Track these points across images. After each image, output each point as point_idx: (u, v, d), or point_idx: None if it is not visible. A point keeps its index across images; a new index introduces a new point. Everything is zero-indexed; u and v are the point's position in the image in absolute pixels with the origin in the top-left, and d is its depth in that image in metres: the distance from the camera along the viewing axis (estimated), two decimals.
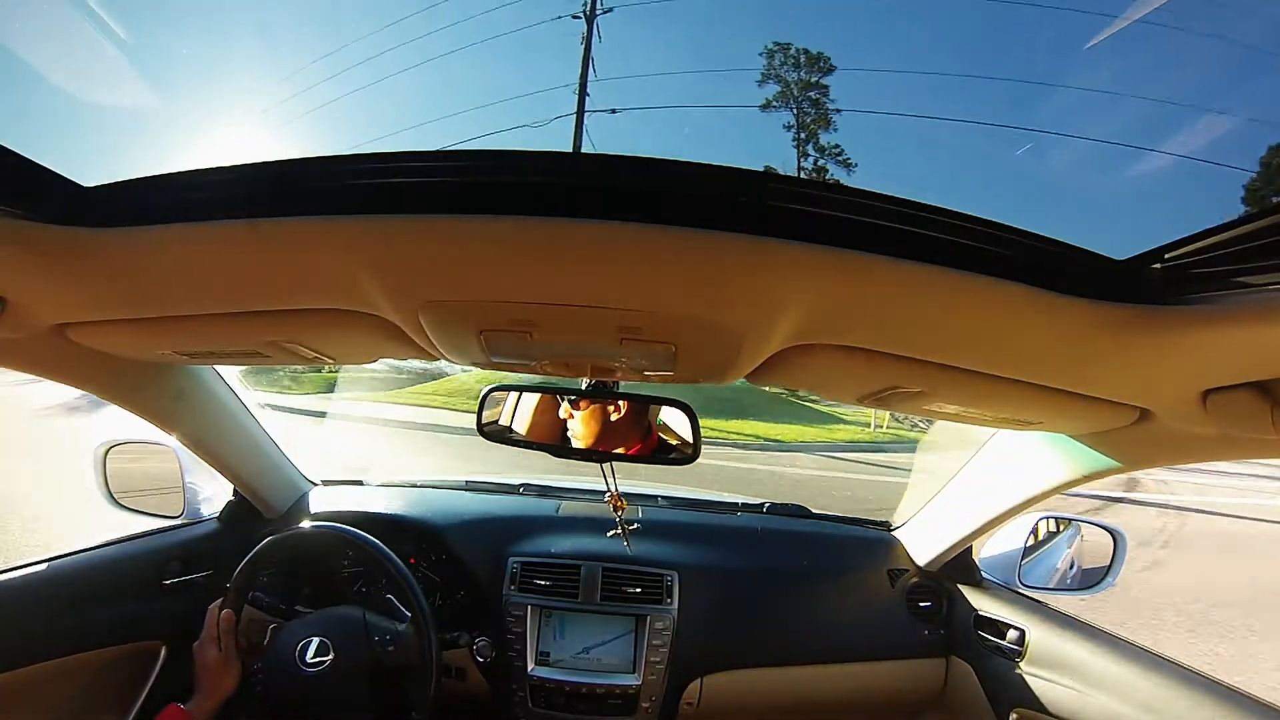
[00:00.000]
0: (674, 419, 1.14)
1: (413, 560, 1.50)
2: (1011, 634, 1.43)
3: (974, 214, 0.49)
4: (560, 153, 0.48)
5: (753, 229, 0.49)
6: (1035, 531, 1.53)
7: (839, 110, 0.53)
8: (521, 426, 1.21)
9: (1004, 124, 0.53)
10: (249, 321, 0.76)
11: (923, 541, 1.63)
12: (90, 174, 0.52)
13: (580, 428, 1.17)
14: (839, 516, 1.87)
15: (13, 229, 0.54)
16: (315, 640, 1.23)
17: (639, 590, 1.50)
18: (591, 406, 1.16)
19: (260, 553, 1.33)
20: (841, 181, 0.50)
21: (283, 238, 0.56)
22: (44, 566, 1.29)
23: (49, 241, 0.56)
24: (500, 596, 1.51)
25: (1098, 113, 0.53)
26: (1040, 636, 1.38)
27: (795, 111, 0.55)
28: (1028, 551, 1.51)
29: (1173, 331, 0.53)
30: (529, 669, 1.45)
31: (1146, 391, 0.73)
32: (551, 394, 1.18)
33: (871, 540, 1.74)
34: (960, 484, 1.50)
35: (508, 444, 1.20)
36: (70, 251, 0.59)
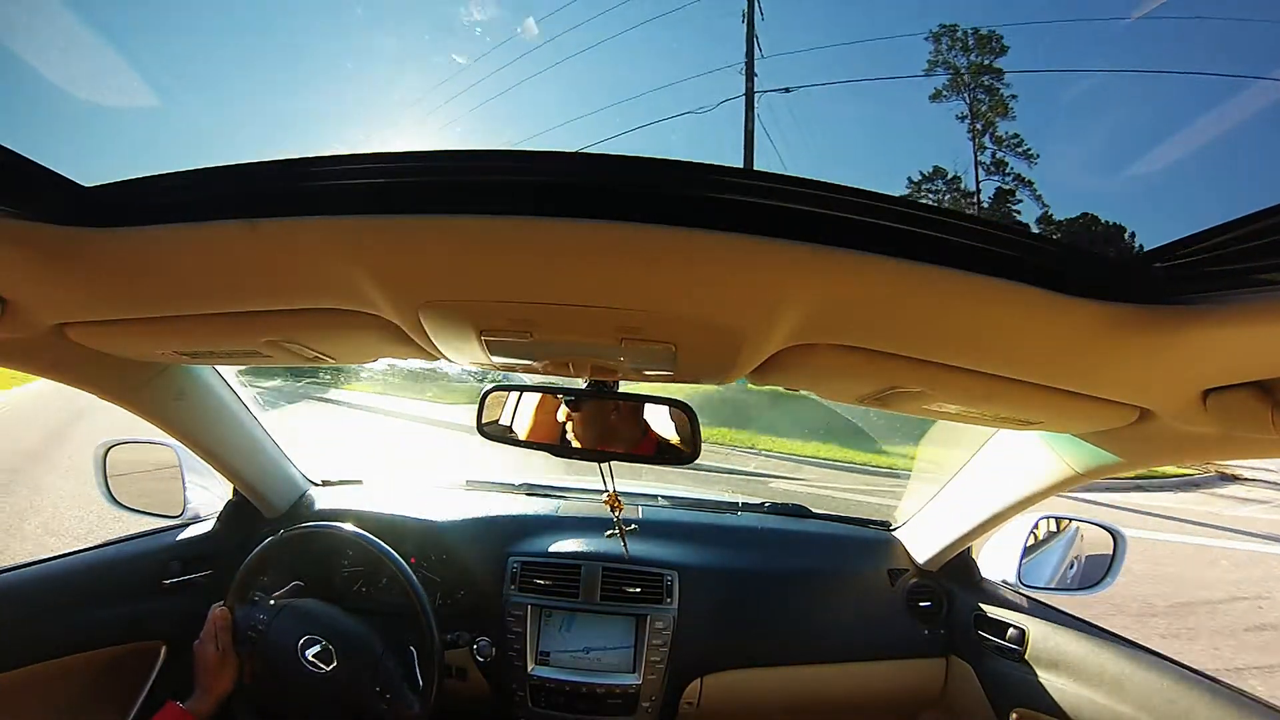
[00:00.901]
0: (674, 419, 1.14)
1: (413, 560, 1.50)
2: (1011, 633, 1.43)
3: (974, 214, 0.49)
4: (561, 152, 0.47)
5: (753, 229, 0.49)
6: (1035, 531, 1.53)
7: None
8: (522, 426, 1.21)
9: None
10: (249, 321, 0.76)
11: (923, 541, 1.63)
12: (90, 174, 0.51)
13: (581, 428, 1.17)
14: (839, 516, 1.87)
15: (13, 229, 0.54)
16: (321, 643, 1.23)
17: (639, 590, 1.50)
18: (592, 406, 1.16)
19: (263, 552, 1.32)
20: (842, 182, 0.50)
21: (283, 238, 0.56)
22: (44, 566, 1.29)
23: (49, 241, 0.56)
24: (501, 596, 1.51)
25: (1099, 112, 0.53)
26: (1040, 636, 1.38)
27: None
28: (1028, 551, 1.51)
29: (1173, 331, 0.53)
30: (529, 669, 1.45)
31: (1147, 391, 0.73)
32: (552, 394, 1.18)
33: (871, 540, 1.74)
34: (960, 484, 1.50)
35: (508, 444, 1.20)
36: (70, 251, 0.59)
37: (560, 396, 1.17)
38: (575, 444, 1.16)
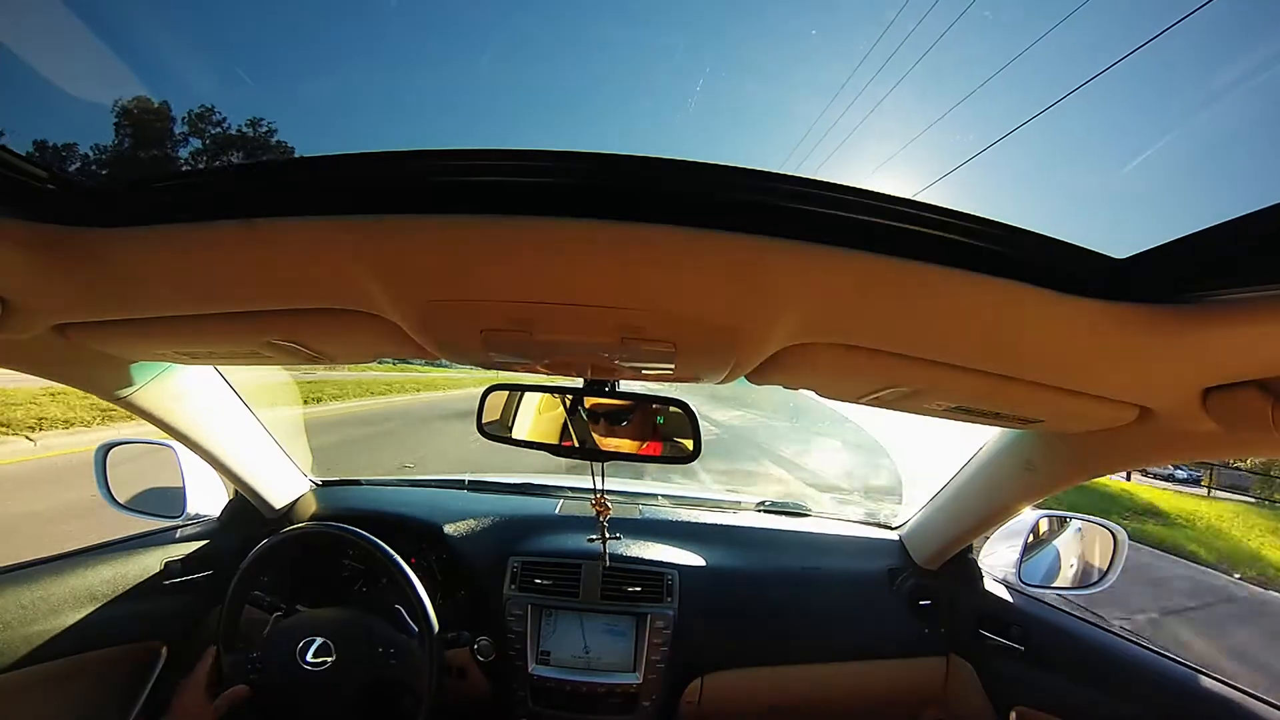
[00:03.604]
0: (674, 418, 1.14)
1: (413, 560, 1.50)
2: (1012, 632, 1.43)
3: (974, 213, 0.49)
4: (562, 152, 0.47)
5: (753, 229, 0.49)
6: (1035, 530, 1.53)
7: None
8: (522, 426, 1.21)
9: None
10: (249, 321, 0.76)
11: (923, 540, 1.64)
12: (90, 174, 0.51)
13: (581, 427, 1.17)
14: (839, 516, 1.87)
15: (13, 229, 0.54)
16: (318, 640, 1.23)
17: (639, 589, 1.50)
18: (592, 406, 1.16)
19: (258, 555, 1.33)
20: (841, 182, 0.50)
21: (283, 238, 0.56)
22: (45, 566, 1.29)
23: (49, 241, 0.56)
24: (501, 596, 1.51)
25: (1099, 110, 0.53)
26: (1040, 635, 1.38)
27: None
28: (1028, 550, 1.51)
29: (1173, 330, 0.53)
30: (529, 668, 1.45)
31: (1147, 390, 0.73)
32: (552, 393, 1.18)
33: (872, 539, 1.74)
34: (960, 483, 1.50)
35: (508, 444, 1.20)
36: (70, 251, 0.59)
37: (560, 395, 1.17)
38: (575, 443, 1.17)
